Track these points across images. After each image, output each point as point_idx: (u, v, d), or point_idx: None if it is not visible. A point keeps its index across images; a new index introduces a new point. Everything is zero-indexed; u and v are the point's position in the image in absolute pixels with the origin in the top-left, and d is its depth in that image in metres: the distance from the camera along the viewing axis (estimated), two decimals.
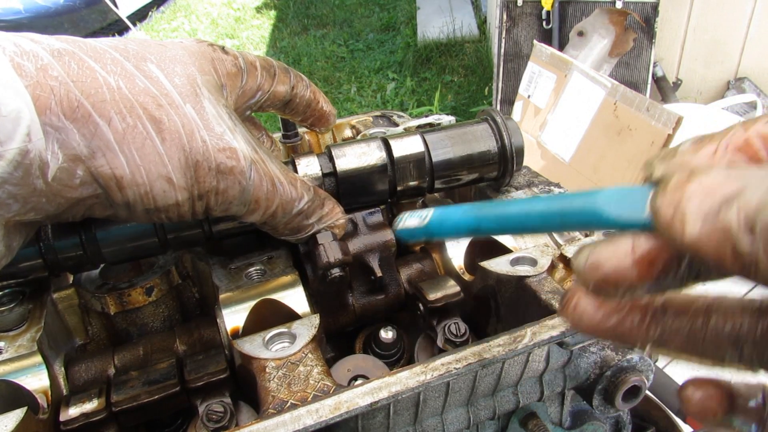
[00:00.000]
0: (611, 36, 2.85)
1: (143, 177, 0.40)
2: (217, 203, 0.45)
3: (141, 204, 0.41)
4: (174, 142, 0.41)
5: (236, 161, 0.44)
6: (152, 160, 0.40)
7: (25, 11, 4.91)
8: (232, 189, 0.44)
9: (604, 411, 0.56)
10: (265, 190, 0.47)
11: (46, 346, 0.51)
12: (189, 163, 0.41)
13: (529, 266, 0.54)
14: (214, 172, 0.43)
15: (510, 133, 0.60)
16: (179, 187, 0.42)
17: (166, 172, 0.41)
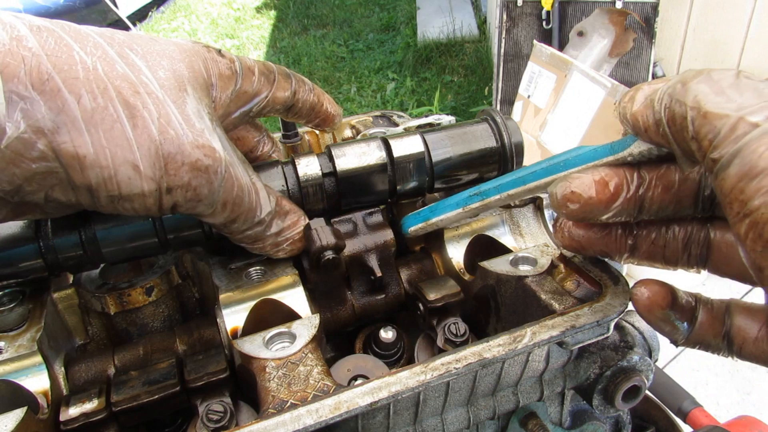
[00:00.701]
0: (611, 36, 2.85)
1: (108, 159, 0.39)
2: (186, 200, 0.44)
3: (104, 189, 0.40)
4: (146, 130, 0.40)
5: (212, 160, 0.43)
6: (119, 144, 0.39)
7: (25, 11, 4.92)
8: (204, 187, 0.44)
9: (603, 411, 0.56)
10: (234, 195, 0.46)
11: (46, 346, 0.51)
12: (159, 153, 0.40)
13: (529, 266, 0.54)
14: (188, 168, 0.42)
15: (510, 132, 0.60)
16: (146, 177, 0.40)
17: (133, 159, 0.39)
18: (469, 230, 0.60)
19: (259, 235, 0.51)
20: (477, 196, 0.51)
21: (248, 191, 0.48)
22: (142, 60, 0.42)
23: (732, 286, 2.55)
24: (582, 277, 0.53)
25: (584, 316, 0.46)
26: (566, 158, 0.45)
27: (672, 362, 2.30)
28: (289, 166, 0.56)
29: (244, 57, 0.52)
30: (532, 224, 0.62)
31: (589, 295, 0.52)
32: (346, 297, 0.60)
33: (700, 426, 0.94)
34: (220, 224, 0.48)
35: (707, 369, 2.26)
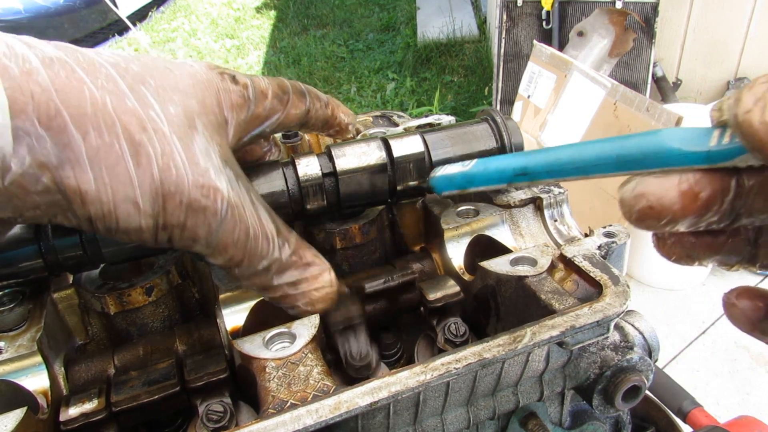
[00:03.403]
0: (611, 36, 2.85)
1: (109, 195, 0.39)
2: (182, 238, 0.43)
3: (103, 221, 0.40)
4: (148, 168, 0.40)
5: (212, 201, 0.42)
6: (122, 181, 0.39)
7: (25, 11, 4.91)
8: (200, 228, 0.43)
9: (603, 411, 0.56)
10: (235, 238, 0.44)
11: (46, 346, 0.51)
12: (159, 192, 0.40)
13: (529, 266, 0.54)
14: (185, 207, 0.41)
15: (510, 132, 0.60)
16: (144, 213, 0.40)
17: (133, 196, 0.40)
18: (469, 230, 0.60)
19: (266, 283, 0.49)
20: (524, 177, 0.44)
21: (254, 235, 0.45)
22: (154, 94, 0.42)
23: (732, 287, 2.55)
24: (582, 277, 0.53)
25: (584, 317, 0.46)
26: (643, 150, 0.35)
27: (672, 362, 2.30)
28: (289, 166, 0.56)
29: (259, 79, 0.50)
30: (532, 224, 0.62)
31: (589, 295, 0.52)
32: None
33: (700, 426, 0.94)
34: (221, 266, 0.47)
35: (707, 369, 2.26)
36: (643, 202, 0.33)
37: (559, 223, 0.62)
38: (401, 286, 0.57)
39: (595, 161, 0.37)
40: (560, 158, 0.40)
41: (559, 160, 0.40)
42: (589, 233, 0.59)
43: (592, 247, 0.56)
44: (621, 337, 0.59)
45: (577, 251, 0.55)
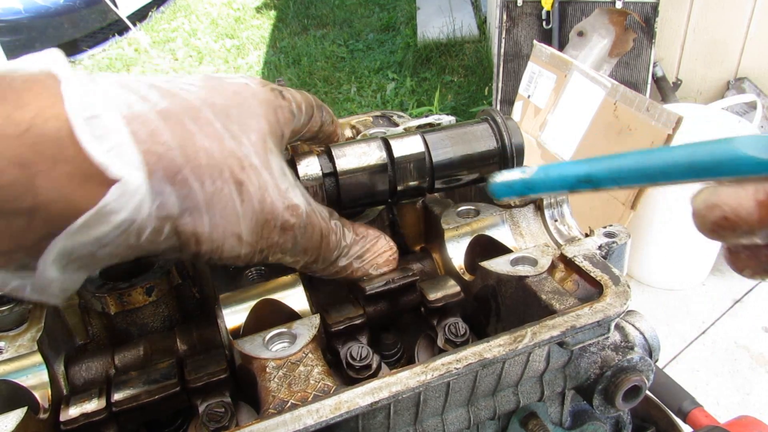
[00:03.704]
0: (611, 36, 2.85)
1: (220, 234, 0.42)
2: (275, 254, 0.47)
3: (209, 255, 0.44)
4: (250, 203, 0.43)
5: (297, 218, 0.47)
6: (230, 221, 0.42)
7: (25, 11, 4.91)
8: (288, 242, 0.47)
9: (604, 411, 0.56)
10: (313, 242, 0.49)
11: (46, 346, 0.51)
12: (259, 222, 0.44)
13: (529, 266, 0.54)
14: (279, 229, 0.46)
15: (510, 132, 0.60)
16: (246, 243, 0.44)
17: (238, 231, 0.43)
18: (470, 230, 0.60)
19: (339, 267, 0.54)
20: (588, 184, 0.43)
21: (326, 233, 0.51)
22: (239, 127, 0.44)
23: (732, 287, 2.55)
24: (582, 277, 0.53)
25: (585, 317, 0.46)
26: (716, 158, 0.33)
27: (672, 362, 2.30)
28: (290, 168, 0.56)
29: (295, 93, 0.53)
30: (532, 224, 0.62)
31: (589, 296, 0.52)
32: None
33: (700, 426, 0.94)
34: (303, 267, 0.52)
35: (707, 369, 2.26)
36: (718, 212, 0.31)
37: (560, 223, 0.62)
38: (402, 288, 0.57)
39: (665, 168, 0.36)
40: (626, 165, 0.39)
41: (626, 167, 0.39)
42: (589, 233, 0.59)
43: (592, 247, 0.56)
44: (621, 337, 0.59)
45: (577, 251, 0.55)
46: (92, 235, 0.36)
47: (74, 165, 0.35)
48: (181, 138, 0.40)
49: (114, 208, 0.36)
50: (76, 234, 0.36)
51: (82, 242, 0.36)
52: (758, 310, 2.45)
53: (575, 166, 0.43)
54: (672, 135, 1.96)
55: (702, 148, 0.34)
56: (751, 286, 2.55)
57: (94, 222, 0.36)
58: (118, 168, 0.36)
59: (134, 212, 0.37)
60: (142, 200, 0.37)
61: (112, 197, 0.35)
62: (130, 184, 0.36)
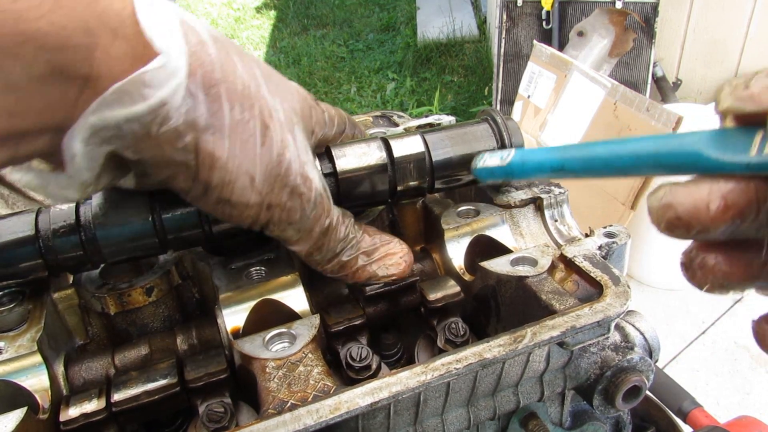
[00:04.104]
0: (611, 36, 2.85)
1: (234, 166, 0.43)
2: (280, 220, 0.48)
3: (220, 190, 0.44)
4: (269, 150, 0.44)
5: (308, 190, 0.48)
6: (248, 156, 0.43)
7: None
8: (296, 212, 0.48)
9: (604, 411, 0.56)
10: (321, 224, 0.50)
11: (46, 346, 0.51)
12: (273, 173, 0.45)
13: (529, 266, 0.54)
14: (288, 190, 0.46)
15: (510, 133, 0.59)
16: (256, 190, 0.45)
17: (253, 171, 0.44)
18: (469, 230, 0.60)
19: (344, 262, 0.53)
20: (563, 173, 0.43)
21: (335, 221, 0.51)
22: (275, 90, 0.47)
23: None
24: (582, 278, 0.53)
25: (585, 317, 0.46)
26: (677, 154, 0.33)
27: (672, 362, 2.30)
28: None
29: (328, 106, 0.56)
30: (532, 224, 0.62)
31: (589, 296, 0.52)
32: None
33: (700, 426, 0.94)
34: (307, 253, 0.52)
35: (707, 369, 2.26)
36: (671, 213, 0.32)
37: (560, 223, 0.62)
38: (402, 289, 0.57)
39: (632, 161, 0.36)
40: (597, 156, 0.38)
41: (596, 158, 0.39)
42: (589, 233, 0.59)
43: (592, 247, 0.56)
44: (621, 337, 0.59)
45: (577, 251, 0.55)
46: (124, 108, 0.37)
47: (130, 44, 0.37)
48: (224, 60, 0.42)
49: (151, 81, 0.37)
50: (110, 103, 0.37)
51: (113, 114, 0.37)
52: (758, 310, 2.45)
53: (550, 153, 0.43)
54: None
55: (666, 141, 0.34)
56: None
57: (130, 92, 0.37)
58: (165, 43, 0.38)
59: (168, 94, 0.38)
60: (178, 85, 0.38)
61: (153, 66, 0.37)
62: (172, 61, 0.38)
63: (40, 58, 0.34)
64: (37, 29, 0.33)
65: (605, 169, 0.38)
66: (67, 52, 0.34)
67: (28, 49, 0.33)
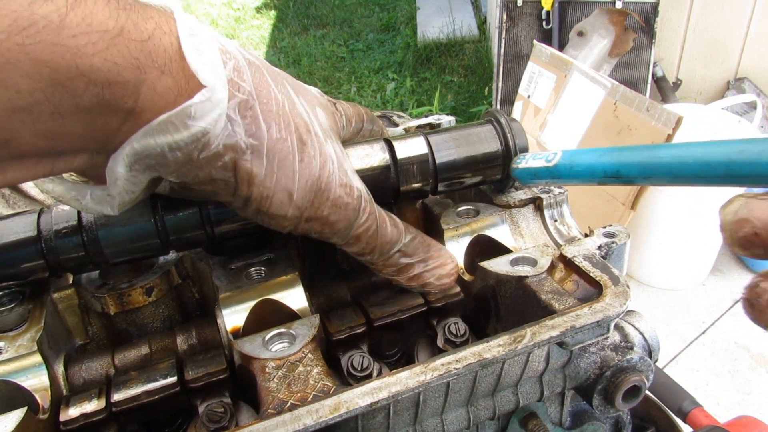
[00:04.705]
0: (611, 36, 2.85)
1: (272, 183, 0.44)
2: (322, 231, 0.49)
3: (257, 204, 0.45)
4: (309, 165, 0.45)
5: (352, 199, 0.48)
6: (285, 173, 0.44)
7: None
8: (340, 223, 0.48)
9: (604, 411, 0.56)
10: (367, 229, 0.50)
11: (46, 346, 0.51)
12: (312, 187, 0.46)
13: (529, 266, 0.54)
14: (330, 203, 0.47)
15: (514, 134, 0.59)
16: (295, 205, 0.46)
17: (291, 187, 0.45)
18: (469, 230, 0.60)
19: (399, 265, 0.54)
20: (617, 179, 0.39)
21: (384, 225, 0.52)
22: (308, 105, 0.48)
23: (732, 287, 2.55)
24: (582, 278, 0.53)
25: (584, 317, 0.46)
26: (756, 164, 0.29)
27: (672, 362, 2.30)
28: None
29: (347, 107, 0.56)
30: (532, 224, 0.62)
31: (589, 296, 0.52)
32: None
33: (700, 426, 0.94)
34: (356, 254, 0.52)
35: (707, 369, 2.26)
36: (747, 228, 0.29)
37: (559, 223, 0.62)
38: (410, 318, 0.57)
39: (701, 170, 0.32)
40: (660, 162, 0.35)
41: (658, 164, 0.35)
42: (589, 233, 0.59)
43: (592, 247, 0.56)
44: (621, 337, 0.59)
45: (577, 251, 0.55)
46: (169, 136, 0.39)
47: (175, 79, 0.38)
48: (259, 83, 0.44)
49: (195, 113, 0.39)
50: (155, 132, 0.38)
51: (157, 142, 0.39)
52: None
53: (603, 156, 0.39)
54: (672, 135, 1.96)
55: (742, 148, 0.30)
56: None
57: (175, 123, 0.38)
58: (210, 77, 0.39)
59: (211, 124, 0.39)
60: (220, 115, 0.40)
61: (198, 100, 0.38)
62: (217, 94, 0.39)
63: (90, 92, 0.35)
64: (91, 65, 0.34)
65: (668, 176, 0.35)
66: (116, 88, 0.36)
67: (79, 83, 0.34)
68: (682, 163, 0.33)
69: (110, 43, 0.35)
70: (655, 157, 0.35)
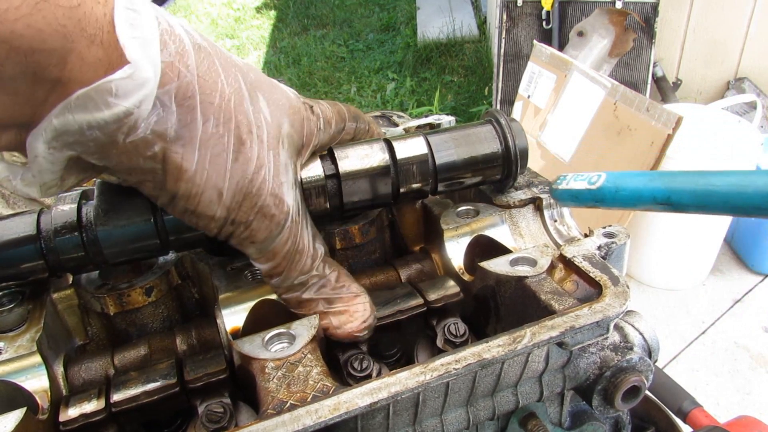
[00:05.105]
0: (611, 36, 2.85)
1: (202, 180, 0.43)
2: (241, 237, 0.47)
3: (185, 201, 0.43)
4: (242, 166, 0.44)
5: (279, 212, 0.47)
6: (217, 171, 0.43)
7: None
8: (261, 233, 0.47)
9: (603, 411, 0.56)
10: (286, 249, 0.49)
11: (46, 347, 0.51)
12: (242, 189, 0.44)
13: (528, 266, 0.54)
14: (256, 210, 0.45)
15: (514, 135, 0.59)
16: (223, 205, 0.44)
17: (221, 186, 0.43)
18: (469, 230, 0.60)
19: (300, 298, 0.51)
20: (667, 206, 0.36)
21: (301, 251, 0.50)
22: (263, 104, 0.46)
23: (732, 287, 2.55)
24: (581, 278, 0.53)
25: (584, 317, 0.46)
26: None
27: (672, 362, 2.30)
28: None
29: (326, 108, 0.54)
30: (531, 224, 0.62)
31: (588, 296, 0.52)
32: None
33: (700, 426, 0.94)
34: (265, 272, 0.50)
35: (707, 369, 2.25)
36: None
37: (559, 223, 0.62)
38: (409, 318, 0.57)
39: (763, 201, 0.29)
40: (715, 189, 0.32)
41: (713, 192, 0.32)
42: (588, 233, 0.59)
43: (591, 247, 0.56)
44: (621, 337, 0.59)
45: (576, 251, 0.55)
46: (88, 114, 0.37)
47: (106, 52, 0.36)
48: (205, 72, 0.41)
49: (117, 91, 0.36)
50: (74, 108, 0.36)
51: (75, 119, 0.37)
52: (758, 310, 2.45)
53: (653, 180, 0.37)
54: (672, 135, 1.96)
55: None
56: (751, 286, 2.55)
57: (95, 99, 0.36)
58: (137, 54, 0.37)
59: (135, 104, 0.37)
60: (146, 96, 0.38)
61: (119, 76, 0.36)
62: (141, 72, 0.37)
63: (13, 59, 0.33)
64: (12, 31, 0.32)
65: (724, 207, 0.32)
66: (41, 55, 0.34)
67: (0, 49, 0.33)
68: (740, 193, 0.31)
69: (34, 8, 0.32)
70: (710, 184, 0.33)
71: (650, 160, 2.03)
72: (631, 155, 2.10)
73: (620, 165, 2.15)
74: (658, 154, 2.00)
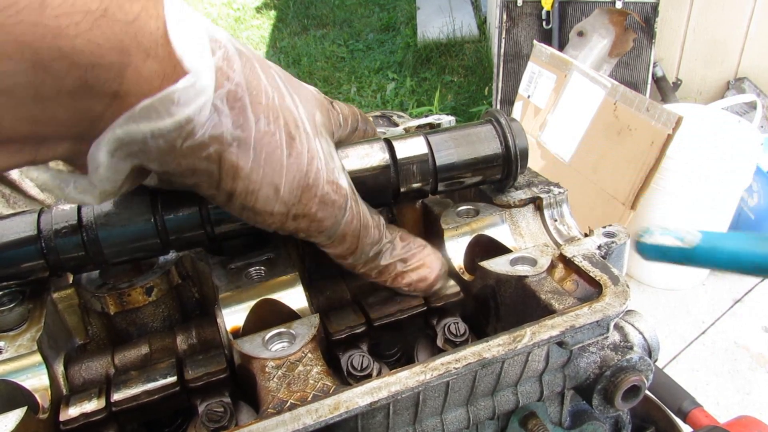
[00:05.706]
0: (611, 36, 2.85)
1: (258, 177, 0.43)
2: (309, 228, 0.48)
3: (243, 198, 0.44)
4: (296, 160, 0.45)
5: (339, 196, 0.48)
6: (273, 167, 0.44)
7: None
8: (328, 220, 0.48)
9: (603, 411, 0.56)
10: (353, 228, 0.50)
11: (46, 346, 0.51)
12: (300, 183, 0.45)
13: (528, 266, 0.54)
14: (318, 200, 0.47)
15: (515, 135, 0.59)
16: (281, 200, 0.45)
17: (278, 182, 0.44)
18: (469, 230, 0.60)
19: (379, 266, 0.54)
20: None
21: (366, 225, 0.51)
22: (299, 99, 0.48)
23: (732, 287, 2.55)
24: (582, 277, 0.53)
25: (584, 316, 0.46)
26: None
27: (672, 362, 2.30)
28: None
29: (343, 106, 0.56)
30: (532, 224, 0.62)
31: (588, 295, 0.52)
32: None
33: (700, 426, 0.94)
34: (339, 254, 0.52)
35: (707, 369, 2.26)
36: None
37: (559, 223, 0.62)
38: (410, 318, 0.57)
39: None
40: None
41: None
42: (588, 233, 0.59)
43: (591, 247, 0.56)
44: (621, 336, 0.59)
45: (576, 251, 0.55)
46: (152, 123, 0.38)
47: (161, 64, 0.37)
48: (249, 74, 0.43)
49: (179, 99, 0.38)
50: (138, 118, 0.37)
51: (140, 128, 0.38)
52: (758, 310, 2.46)
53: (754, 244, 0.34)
54: (672, 135, 1.96)
55: None
56: (751, 286, 2.55)
57: (158, 108, 0.37)
58: (195, 63, 0.38)
59: (195, 111, 0.39)
60: (205, 102, 0.39)
61: (182, 85, 0.38)
62: (201, 80, 0.38)
63: (73, 74, 0.34)
64: (73, 46, 0.33)
65: None
66: (100, 70, 0.35)
67: (62, 65, 0.33)
68: None
69: (93, 24, 0.33)
70: None
71: (650, 160, 2.03)
72: (631, 155, 2.10)
73: (620, 165, 2.15)
74: (658, 154, 2.00)
